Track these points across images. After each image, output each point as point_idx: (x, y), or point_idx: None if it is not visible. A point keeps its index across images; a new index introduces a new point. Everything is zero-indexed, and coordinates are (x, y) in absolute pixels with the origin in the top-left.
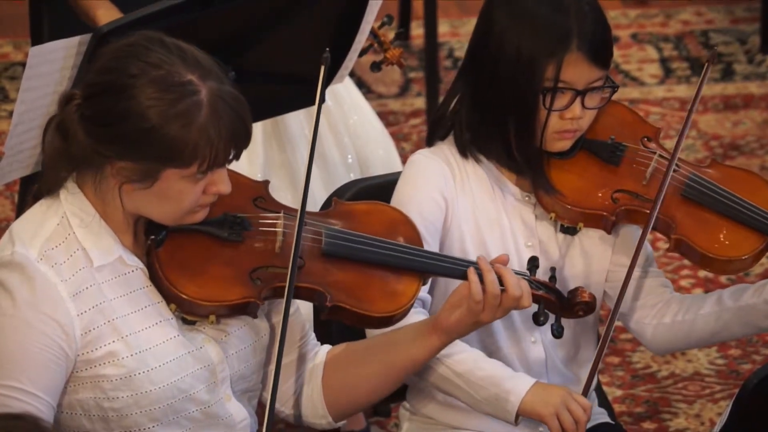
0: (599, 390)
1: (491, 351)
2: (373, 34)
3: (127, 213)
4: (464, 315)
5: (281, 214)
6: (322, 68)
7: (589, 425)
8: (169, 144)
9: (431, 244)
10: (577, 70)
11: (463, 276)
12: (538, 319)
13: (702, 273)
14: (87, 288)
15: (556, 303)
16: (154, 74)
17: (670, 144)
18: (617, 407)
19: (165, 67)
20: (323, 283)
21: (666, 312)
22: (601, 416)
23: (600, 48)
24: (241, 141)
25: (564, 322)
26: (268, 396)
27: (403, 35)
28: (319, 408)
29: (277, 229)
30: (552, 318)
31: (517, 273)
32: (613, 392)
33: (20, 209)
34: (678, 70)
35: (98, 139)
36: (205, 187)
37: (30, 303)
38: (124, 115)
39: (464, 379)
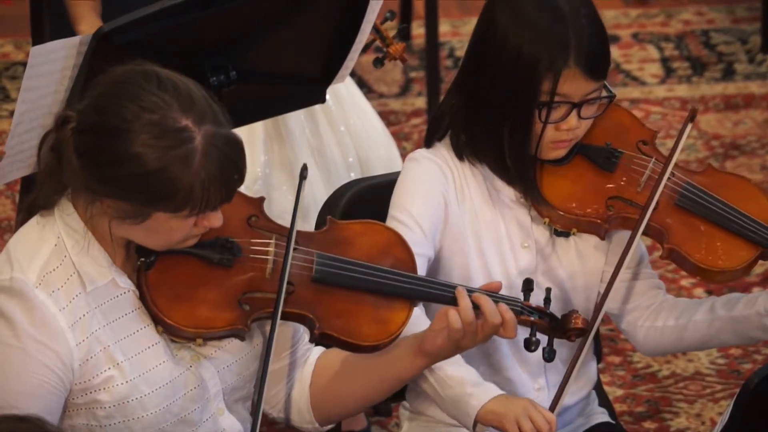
0: (599, 389)
1: (490, 349)
2: (376, 29)
3: (117, 238)
4: (446, 341)
5: (273, 241)
6: (301, 182)
7: (589, 425)
8: (160, 190)
9: (429, 242)
10: (573, 85)
11: (450, 302)
12: (528, 347)
13: None
14: (83, 316)
15: (548, 327)
16: (148, 118)
17: (669, 144)
18: (618, 407)
19: (159, 111)
20: (313, 310)
21: (658, 315)
22: (602, 416)
23: (597, 62)
24: (233, 186)
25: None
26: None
27: (405, 31)
28: (305, 414)
29: (268, 257)
30: (544, 341)
31: (509, 298)
32: (613, 392)
33: (20, 210)
34: (679, 70)
35: (90, 175)
36: (196, 220)
37: (30, 333)
38: (117, 158)
39: (434, 374)
